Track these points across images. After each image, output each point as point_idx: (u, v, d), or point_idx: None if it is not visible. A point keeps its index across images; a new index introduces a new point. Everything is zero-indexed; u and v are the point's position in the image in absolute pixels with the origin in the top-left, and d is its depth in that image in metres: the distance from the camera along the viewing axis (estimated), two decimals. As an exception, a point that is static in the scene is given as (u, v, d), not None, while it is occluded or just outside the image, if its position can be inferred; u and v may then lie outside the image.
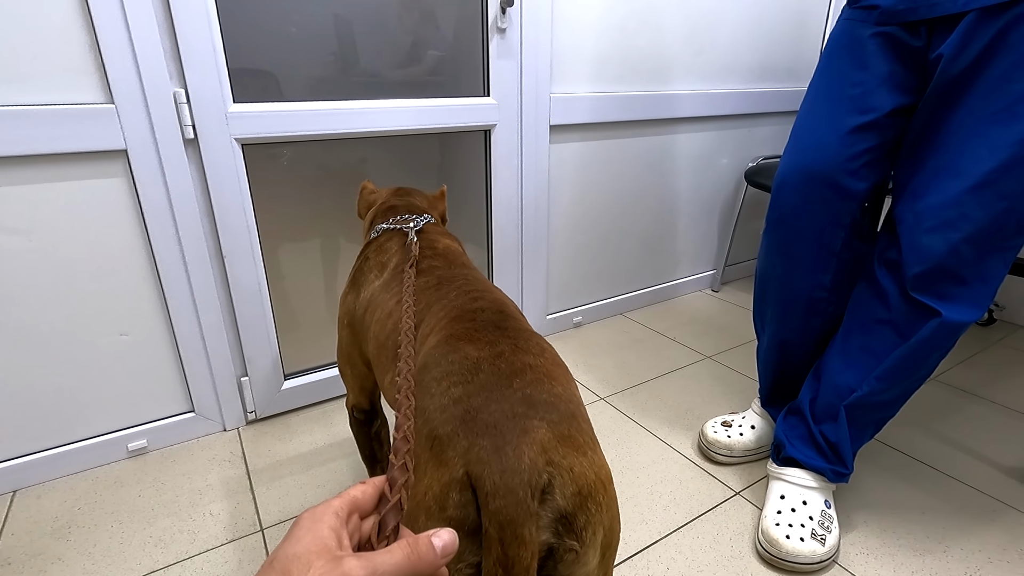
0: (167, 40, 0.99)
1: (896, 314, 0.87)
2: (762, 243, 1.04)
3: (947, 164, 0.80)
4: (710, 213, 2.00)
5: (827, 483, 0.98)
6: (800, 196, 0.93)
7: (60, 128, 0.94)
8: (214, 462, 1.16)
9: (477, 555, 0.42)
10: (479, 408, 0.45)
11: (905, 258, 0.84)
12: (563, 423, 0.46)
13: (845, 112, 0.88)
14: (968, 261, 0.80)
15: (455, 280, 0.66)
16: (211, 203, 1.11)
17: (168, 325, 1.14)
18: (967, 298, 0.82)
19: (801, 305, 1.00)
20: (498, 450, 0.42)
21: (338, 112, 1.18)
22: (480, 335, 0.54)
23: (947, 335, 0.85)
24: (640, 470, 1.14)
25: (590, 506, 0.44)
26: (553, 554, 0.43)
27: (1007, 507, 1.04)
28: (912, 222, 0.83)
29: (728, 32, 1.74)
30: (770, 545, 0.92)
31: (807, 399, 1.01)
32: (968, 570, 0.91)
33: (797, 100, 2.01)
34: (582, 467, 0.44)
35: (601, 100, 1.55)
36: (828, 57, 0.92)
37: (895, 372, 0.89)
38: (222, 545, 0.95)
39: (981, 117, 0.76)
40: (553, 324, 1.73)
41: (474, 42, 1.33)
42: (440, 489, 0.43)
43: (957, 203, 0.79)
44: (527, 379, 0.48)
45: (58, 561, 0.92)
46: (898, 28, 0.82)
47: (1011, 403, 1.37)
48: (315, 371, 1.36)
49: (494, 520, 0.40)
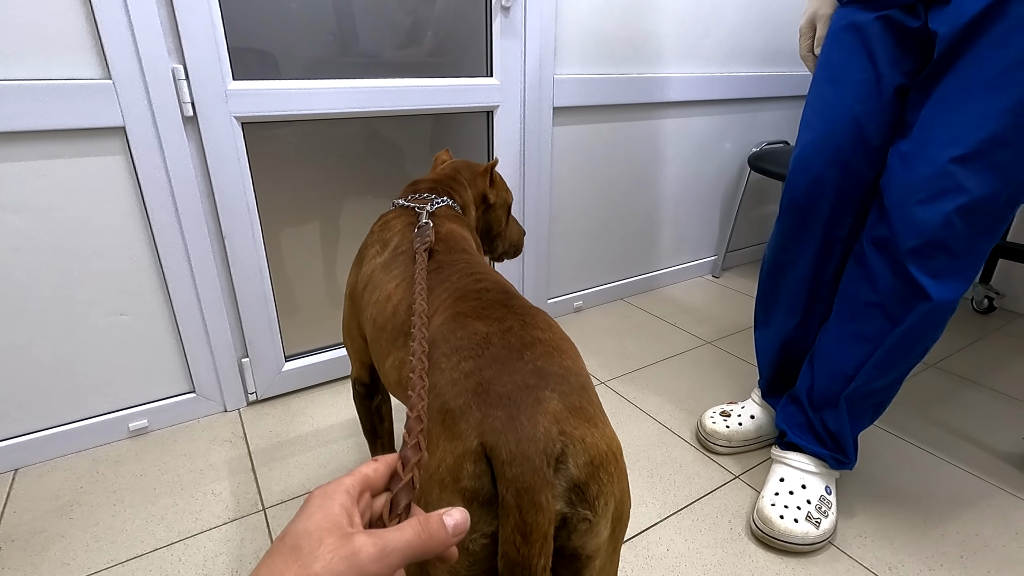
0: (165, 14, 0.97)
1: (886, 297, 0.87)
2: (774, 230, 1.03)
3: (938, 133, 0.78)
4: (712, 198, 1.99)
5: (828, 469, 0.99)
6: (814, 182, 0.92)
7: (56, 104, 0.92)
8: (215, 442, 1.16)
9: (491, 525, 0.42)
10: (491, 380, 0.45)
11: (897, 231, 0.83)
12: (574, 395, 0.46)
13: (853, 97, 0.87)
14: (959, 234, 0.79)
15: (456, 264, 0.66)
16: (211, 182, 1.09)
17: (168, 305, 1.14)
18: (955, 273, 0.82)
19: (808, 293, 1.00)
20: (512, 420, 0.42)
21: (339, 91, 1.16)
22: (487, 312, 0.54)
23: (937, 316, 0.85)
24: (640, 453, 1.14)
25: (602, 476, 0.44)
26: (566, 524, 0.43)
27: (1003, 491, 1.05)
28: (902, 193, 0.82)
29: (734, 15, 1.71)
30: (763, 524, 0.93)
31: (804, 387, 1.01)
32: (964, 553, 0.92)
33: (803, 85, 1.99)
34: (594, 438, 0.44)
35: (605, 82, 1.53)
36: (831, 44, 0.91)
37: (889, 358, 0.89)
38: (224, 524, 0.96)
39: (974, 85, 0.74)
40: (554, 308, 1.73)
41: (477, 21, 1.31)
42: (454, 461, 0.43)
43: (949, 173, 0.77)
44: (537, 352, 0.48)
45: (61, 539, 0.93)
46: (897, 11, 0.82)
47: (1009, 390, 1.37)
48: (316, 352, 1.36)
49: (511, 487, 0.40)
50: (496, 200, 0.98)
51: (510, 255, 1.08)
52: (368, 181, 1.31)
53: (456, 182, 0.93)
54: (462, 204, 0.91)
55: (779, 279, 1.04)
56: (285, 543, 0.28)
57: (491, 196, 0.97)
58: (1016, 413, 1.29)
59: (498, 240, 1.03)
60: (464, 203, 0.92)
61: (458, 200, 0.91)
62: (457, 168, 0.96)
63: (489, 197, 0.96)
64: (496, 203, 0.99)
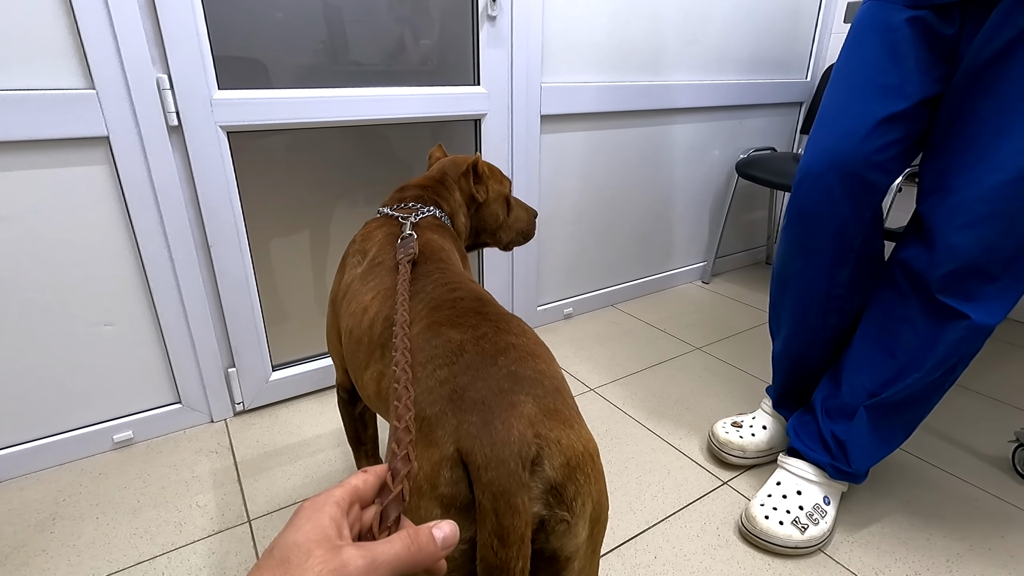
0: (149, 24, 0.97)
1: (919, 316, 0.84)
2: (780, 239, 0.99)
3: (980, 157, 0.76)
4: (701, 205, 2.00)
5: (828, 479, 0.97)
6: (823, 188, 0.88)
7: (39, 114, 0.92)
8: (201, 453, 1.15)
9: (468, 531, 0.42)
10: (466, 387, 0.46)
11: (934, 257, 0.81)
12: (548, 397, 0.46)
13: (874, 101, 0.83)
14: (1001, 258, 0.77)
15: (431, 275, 0.66)
16: (196, 192, 1.09)
17: (153, 315, 1.13)
18: (995, 296, 0.79)
19: (820, 303, 0.96)
20: (487, 424, 0.43)
21: (326, 100, 1.16)
22: (461, 320, 0.54)
23: (973, 339, 0.82)
24: (629, 460, 1.14)
25: (579, 477, 0.44)
26: (544, 526, 0.43)
27: (988, 495, 1.06)
28: (943, 219, 0.80)
29: (720, 23, 1.73)
30: (748, 521, 0.94)
31: (820, 397, 1.00)
32: (949, 558, 0.92)
33: (789, 93, 2.01)
34: (569, 439, 0.45)
35: (592, 90, 1.54)
36: (854, 42, 0.87)
37: (917, 375, 0.86)
38: (209, 536, 0.95)
39: (1016, 107, 0.73)
40: (544, 315, 1.73)
41: (464, 30, 1.32)
42: (431, 468, 0.43)
43: (992, 198, 0.75)
44: (511, 357, 0.49)
45: (42, 553, 0.91)
46: (930, 13, 0.79)
47: (995, 393, 1.38)
48: (304, 362, 1.35)
49: (487, 491, 0.41)
50: (488, 195, 0.95)
51: (520, 242, 1.04)
52: (358, 189, 1.31)
53: (443, 186, 0.91)
54: (449, 212, 0.90)
55: (785, 289, 1.01)
56: (273, 556, 0.28)
57: (480, 194, 0.94)
58: (1002, 416, 1.29)
59: (501, 232, 1.00)
60: (451, 210, 0.91)
61: (445, 207, 0.90)
62: (444, 170, 0.93)
63: (478, 196, 0.94)
64: (489, 198, 0.96)
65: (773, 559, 0.92)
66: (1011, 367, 1.51)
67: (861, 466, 0.96)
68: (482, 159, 0.94)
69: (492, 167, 0.99)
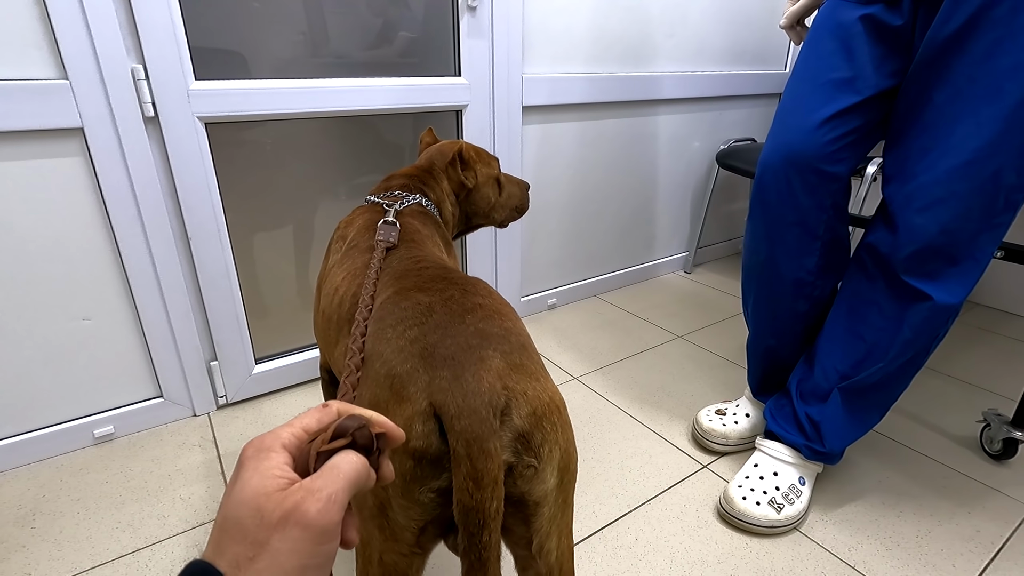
0: (123, 13, 0.95)
1: (886, 298, 0.87)
2: (746, 229, 1.02)
3: (935, 143, 0.79)
4: (682, 195, 2.02)
5: (804, 460, 1.00)
6: (783, 180, 0.91)
7: (10, 105, 0.90)
8: (184, 447, 1.15)
9: (439, 480, 0.45)
10: (436, 344, 0.48)
11: (897, 240, 0.84)
12: (514, 353, 0.49)
13: (827, 96, 0.87)
14: (959, 240, 0.80)
15: (397, 251, 0.69)
16: (174, 183, 1.08)
17: (133, 309, 1.12)
18: (957, 277, 0.82)
19: (788, 290, 0.99)
20: (458, 378, 0.45)
21: (305, 91, 1.16)
22: (429, 285, 0.56)
23: (937, 319, 0.85)
24: (611, 446, 1.16)
25: (545, 425, 0.47)
26: (513, 471, 0.46)
27: (957, 473, 1.09)
28: (903, 203, 0.83)
29: (699, 15, 1.75)
30: (726, 502, 0.97)
31: (795, 380, 1.02)
32: (919, 533, 0.96)
33: (767, 84, 2.04)
34: (535, 391, 0.48)
35: (573, 81, 1.55)
36: (811, 41, 0.91)
37: (886, 356, 0.89)
38: (192, 528, 0.95)
39: (967, 94, 0.75)
40: (528, 306, 1.74)
41: (444, 20, 1.32)
42: (404, 423, 0.45)
43: (947, 181, 0.78)
44: (478, 316, 0.51)
45: (22, 549, 0.91)
46: (881, 7, 0.82)
47: (964, 376, 1.43)
48: (288, 355, 1.34)
49: (461, 439, 0.43)
50: (478, 180, 0.96)
51: (515, 217, 1.05)
52: (341, 181, 1.31)
53: (430, 175, 0.92)
54: (436, 200, 0.91)
55: (753, 279, 1.03)
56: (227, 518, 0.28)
57: (469, 180, 0.95)
58: (970, 398, 1.34)
59: (495, 212, 1.01)
60: (438, 198, 0.91)
61: (431, 196, 0.90)
62: (431, 159, 0.94)
63: (467, 182, 0.95)
64: (479, 182, 0.96)
65: (751, 538, 0.94)
66: (980, 350, 1.56)
67: (835, 447, 0.98)
68: (467, 144, 0.95)
69: (479, 150, 0.99)
